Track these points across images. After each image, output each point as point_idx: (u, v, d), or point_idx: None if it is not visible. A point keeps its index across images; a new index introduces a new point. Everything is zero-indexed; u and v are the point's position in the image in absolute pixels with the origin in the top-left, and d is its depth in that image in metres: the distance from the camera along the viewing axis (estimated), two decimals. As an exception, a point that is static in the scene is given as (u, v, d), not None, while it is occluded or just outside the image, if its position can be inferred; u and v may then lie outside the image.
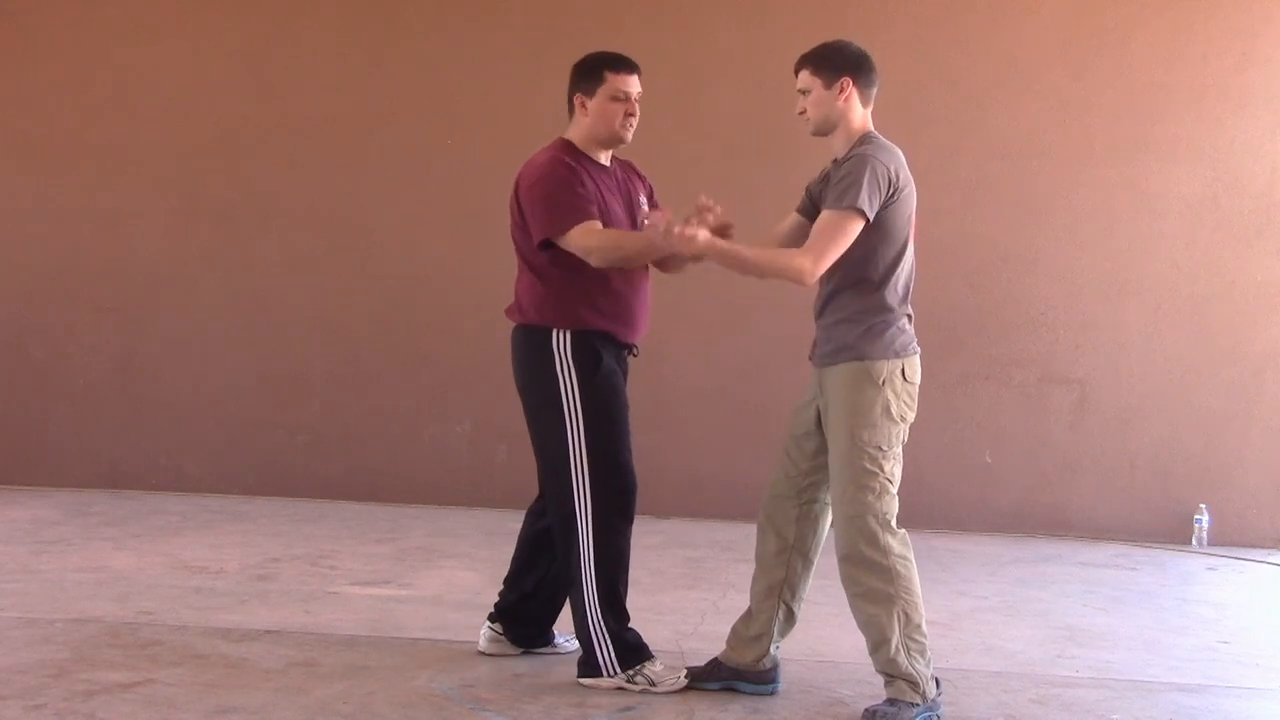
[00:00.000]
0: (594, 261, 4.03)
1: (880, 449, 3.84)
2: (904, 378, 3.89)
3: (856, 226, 3.77)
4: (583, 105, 4.19)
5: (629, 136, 4.23)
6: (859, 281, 3.87)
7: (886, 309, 3.88)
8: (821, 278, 3.90)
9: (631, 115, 4.20)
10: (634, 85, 4.20)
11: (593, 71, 4.19)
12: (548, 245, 4.07)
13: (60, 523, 6.74)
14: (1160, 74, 7.55)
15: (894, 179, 3.81)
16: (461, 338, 7.73)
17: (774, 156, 7.48)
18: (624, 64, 4.20)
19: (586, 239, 4.02)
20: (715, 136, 7.61)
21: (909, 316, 3.96)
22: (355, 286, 7.83)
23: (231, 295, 7.89)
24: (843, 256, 3.82)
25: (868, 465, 3.84)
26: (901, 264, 3.90)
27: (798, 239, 3.97)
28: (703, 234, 3.86)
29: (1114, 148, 7.58)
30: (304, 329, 7.86)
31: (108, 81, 7.97)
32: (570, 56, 4.27)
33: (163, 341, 7.93)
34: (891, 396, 3.86)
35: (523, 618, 4.44)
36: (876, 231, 3.82)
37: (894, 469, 3.89)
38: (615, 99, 4.16)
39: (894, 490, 3.88)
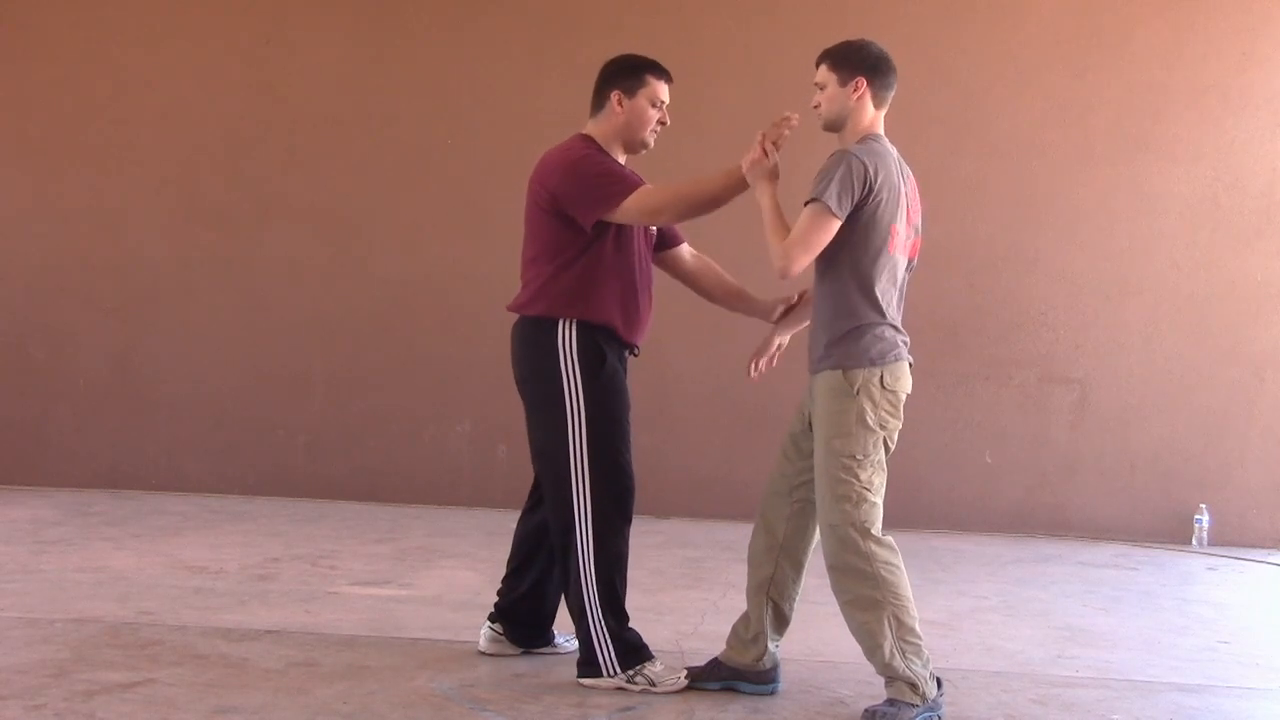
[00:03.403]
0: (660, 222, 4.09)
1: (854, 458, 3.83)
2: (883, 385, 3.87)
3: (827, 223, 3.76)
4: (619, 102, 4.17)
5: (652, 144, 4.25)
6: (836, 288, 3.87)
7: (863, 316, 3.86)
8: (815, 284, 3.93)
9: (663, 123, 4.22)
10: (669, 95, 4.22)
11: (635, 71, 4.19)
12: (598, 227, 4.05)
13: (60, 523, 6.74)
14: (1160, 74, 7.56)
15: (870, 180, 3.79)
16: (461, 338, 7.73)
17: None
18: (665, 72, 4.22)
19: (647, 199, 4.02)
20: (715, 136, 7.59)
21: (894, 326, 3.93)
22: (355, 286, 7.84)
23: (231, 295, 7.89)
24: (822, 262, 3.84)
25: (842, 475, 3.83)
26: (879, 270, 3.86)
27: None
28: (772, 163, 3.94)
29: (1114, 148, 7.58)
30: (304, 329, 7.86)
31: (108, 81, 7.98)
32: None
33: (163, 341, 7.93)
34: (868, 405, 3.84)
35: (522, 618, 4.43)
36: (850, 234, 3.81)
37: (872, 477, 3.86)
38: (653, 104, 4.18)
39: (874, 498, 3.86)
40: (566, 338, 4.07)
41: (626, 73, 4.19)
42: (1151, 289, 7.57)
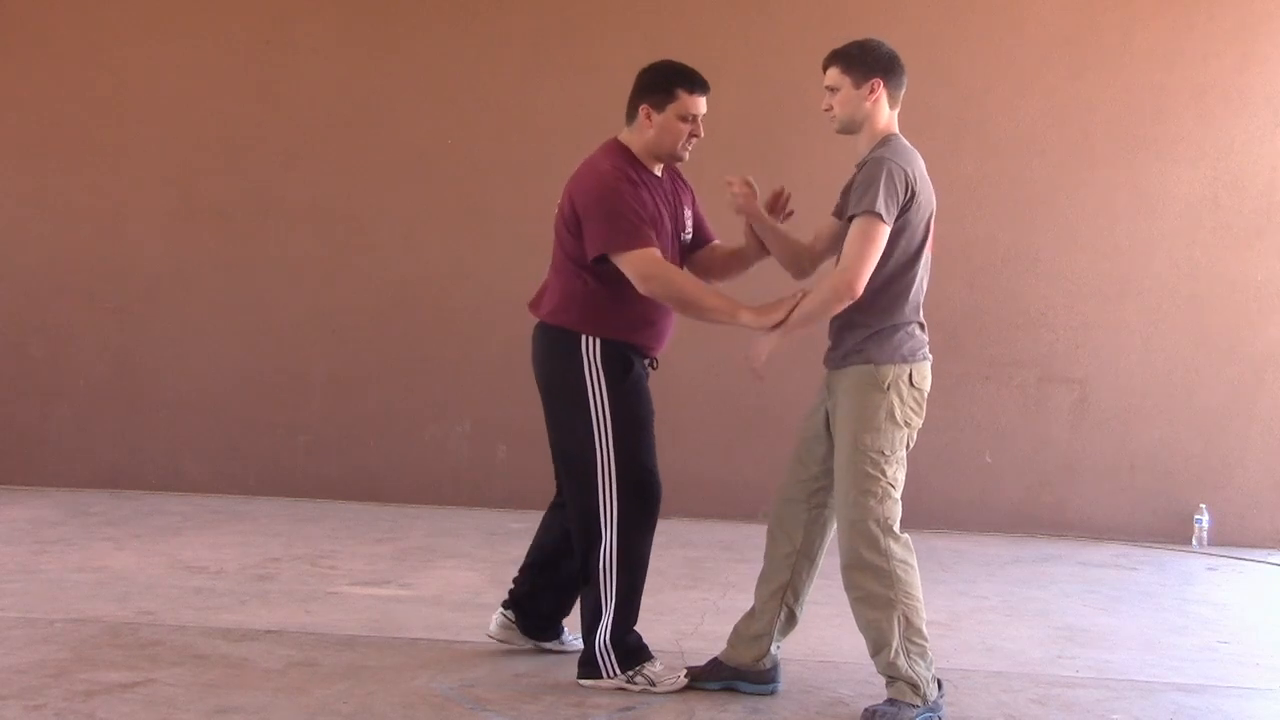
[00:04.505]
0: (644, 290, 3.97)
1: (883, 453, 3.84)
2: (911, 383, 3.88)
3: (881, 232, 3.77)
4: (648, 116, 4.11)
5: (687, 157, 4.18)
6: (872, 285, 3.86)
7: (896, 314, 3.87)
8: None
9: (696, 136, 4.14)
10: (703, 107, 4.14)
11: (666, 85, 4.11)
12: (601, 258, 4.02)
13: (60, 523, 6.74)
14: (1160, 74, 7.55)
15: (911, 183, 3.81)
16: (461, 338, 7.73)
17: (774, 156, 7.47)
18: (699, 84, 4.13)
19: (645, 266, 3.95)
20: (715, 136, 7.56)
21: (921, 324, 3.96)
22: (355, 286, 7.83)
23: (231, 295, 7.89)
24: None
25: (869, 470, 3.83)
26: (914, 271, 3.90)
27: (838, 241, 3.97)
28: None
29: (1114, 148, 7.58)
30: (304, 329, 7.86)
31: (108, 81, 7.97)
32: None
33: (163, 341, 7.93)
34: (896, 401, 3.85)
35: (535, 610, 4.44)
36: (892, 236, 3.82)
37: (897, 473, 3.88)
38: (683, 119, 4.10)
39: (896, 495, 3.88)
40: (591, 349, 4.06)
41: (656, 86, 4.12)
42: (1151, 289, 7.57)
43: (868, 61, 3.93)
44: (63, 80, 7.99)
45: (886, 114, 3.95)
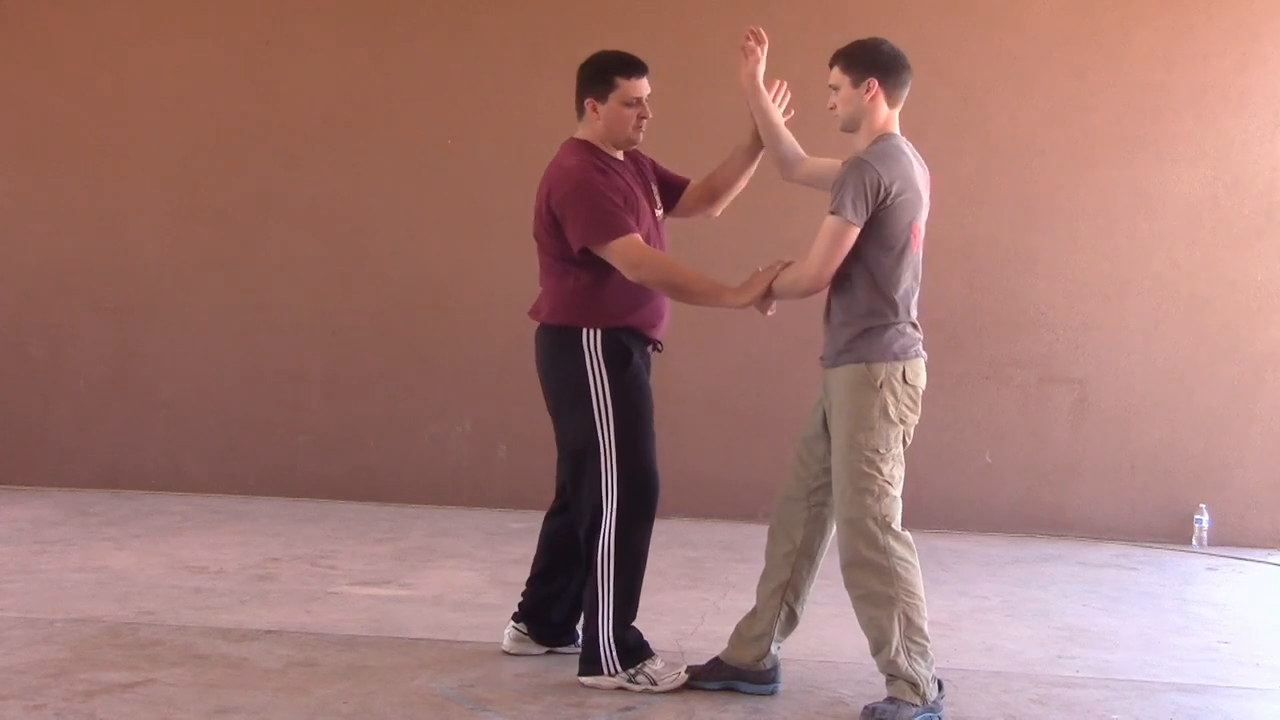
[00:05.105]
0: (633, 277, 4.03)
1: (878, 451, 3.85)
2: (904, 380, 3.90)
3: (845, 232, 3.82)
4: (594, 109, 4.17)
5: (641, 138, 4.25)
6: (856, 285, 3.90)
7: (885, 313, 3.89)
8: (835, 279, 3.94)
9: (644, 118, 4.20)
10: (645, 88, 4.19)
11: (603, 76, 4.17)
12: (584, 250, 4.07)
13: (60, 523, 6.74)
14: (1160, 74, 7.55)
15: (885, 187, 3.82)
16: (461, 338, 7.73)
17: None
18: (635, 67, 4.18)
19: (632, 252, 4.01)
20: (714, 136, 7.57)
21: (914, 323, 3.97)
22: (355, 286, 7.83)
23: (231, 295, 7.89)
24: (846, 261, 3.87)
25: (865, 468, 3.84)
26: (900, 269, 3.91)
27: (822, 173, 4.18)
28: (765, 306, 4.10)
29: (1114, 148, 7.57)
30: (304, 329, 7.86)
31: (108, 81, 7.97)
32: (571, 55, 4.26)
33: (163, 341, 7.93)
34: (890, 398, 3.87)
35: (547, 619, 4.45)
36: (871, 236, 3.85)
37: (893, 471, 3.89)
38: (628, 104, 4.16)
39: (894, 492, 3.89)
40: (591, 343, 4.09)
41: (595, 78, 4.19)
42: (1151, 289, 7.57)
43: (865, 61, 3.97)
44: (63, 80, 7.99)
45: (884, 113, 3.97)
